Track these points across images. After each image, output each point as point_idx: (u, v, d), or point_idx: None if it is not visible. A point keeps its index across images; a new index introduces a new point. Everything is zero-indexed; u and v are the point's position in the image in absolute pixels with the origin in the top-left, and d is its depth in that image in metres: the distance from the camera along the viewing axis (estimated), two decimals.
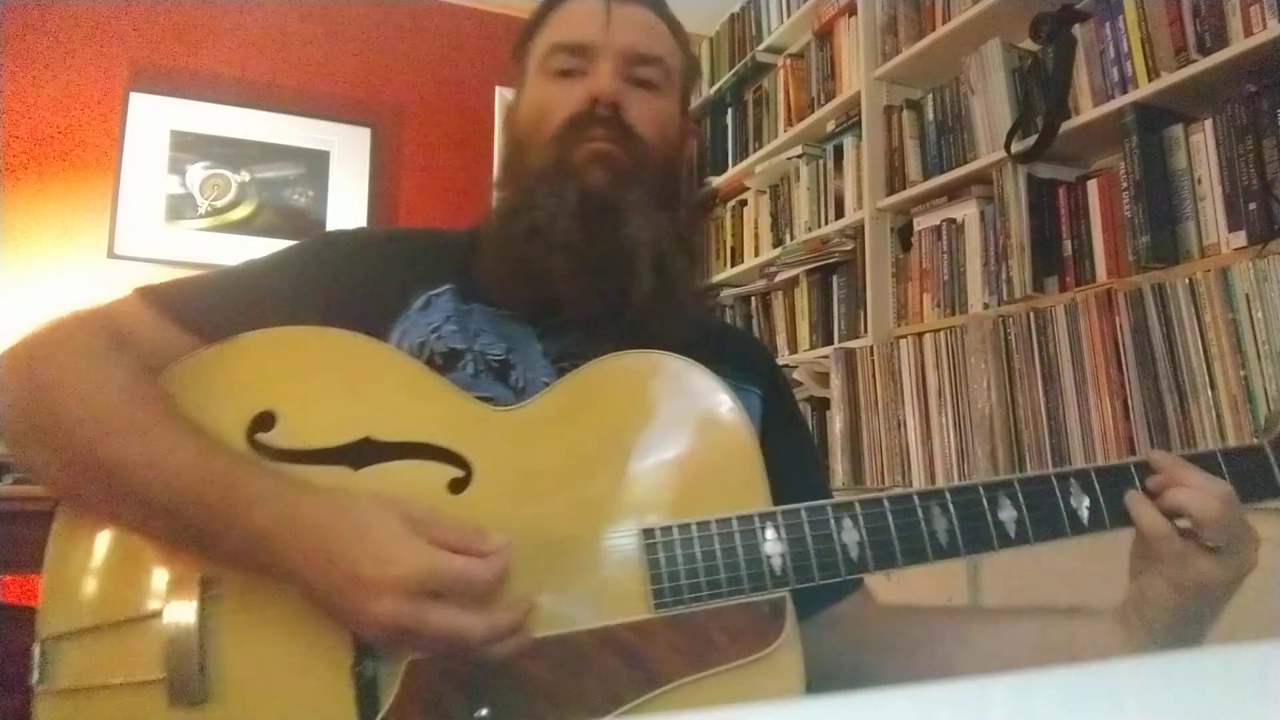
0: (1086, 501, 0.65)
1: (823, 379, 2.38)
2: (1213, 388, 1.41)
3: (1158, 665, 0.31)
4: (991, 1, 1.94)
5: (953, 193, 2.09)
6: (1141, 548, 0.66)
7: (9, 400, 0.65)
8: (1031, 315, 1.75)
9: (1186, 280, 1.47)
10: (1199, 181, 1.54)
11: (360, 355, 0.67)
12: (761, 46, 2.92)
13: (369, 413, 0.64)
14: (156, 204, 2.71)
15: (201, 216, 2.76)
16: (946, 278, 2.07)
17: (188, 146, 2.76)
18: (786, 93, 2.75)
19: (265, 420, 0.63)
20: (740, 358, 0.83)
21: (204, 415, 0.63)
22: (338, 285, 0.75)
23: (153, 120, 2.72)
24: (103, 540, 0.62)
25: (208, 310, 0.71)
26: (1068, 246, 1.79)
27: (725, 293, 3.02)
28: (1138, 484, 0.66)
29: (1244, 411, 1.37)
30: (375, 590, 0.54)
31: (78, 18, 2.69)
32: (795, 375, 2.45)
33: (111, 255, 2.61)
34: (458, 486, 0.63)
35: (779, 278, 2.66)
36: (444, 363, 0.73)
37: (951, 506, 0.64)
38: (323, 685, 0.58)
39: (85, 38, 2.70)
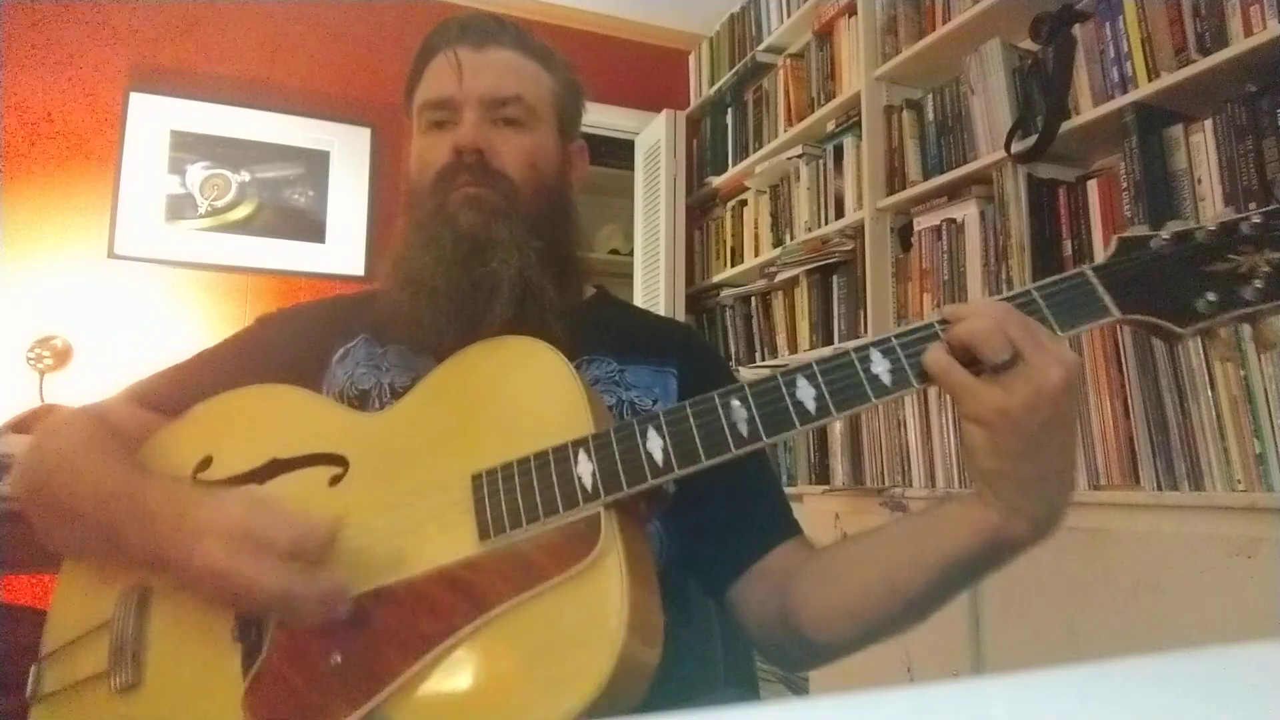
0: (888, 365, 0.65)
1: None
2: (1213, 388, 1.41)
3: (1158, 665, 0.31)
4: (991, 1, 1.94)
5: (953, 193, 2.09)
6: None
7: (22, 475, 0.83)
8: None
9: None
10: (1199, 181, 1.54)
11: (268, 399, 0.83)
12: (761, 46, 2.92)
13: (274, 440, 0.78)
14: (156, 204, 2.71)
15: (201, 216, 2.76)
16: (946, 278, 2.07)
17: (188, 146, 2.76)
18: (786, 93, 2.75)
19: (206, 462, 0.79)
20: (656, 345, 0.91)
21: (166, 466, 0.80)
22: (270, 356, 0.90)
23: (153, 120, 2.72)
24: (82, 578, 0.79)
25: (171, 394, 0.87)
26: (1068, 246, 1.79)
27: (725, 293, 3.02)
28: (940, 338, 0.64)
29: (1244, 411, 1.37)
30: (201, 533, 0.65)
31: (78, 18, 2.69)
32: None
33: (111, 255, 2.61)
34: (335, 480, 0.75)
35: (779, 278, 2.67)
36: (359, 402, 0.85)
37: (750, 398, 0.66)
38: (220, 654, 0.69)
39: (85, 38, 2.70)
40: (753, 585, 0.81)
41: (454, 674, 0.62)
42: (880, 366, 0.65)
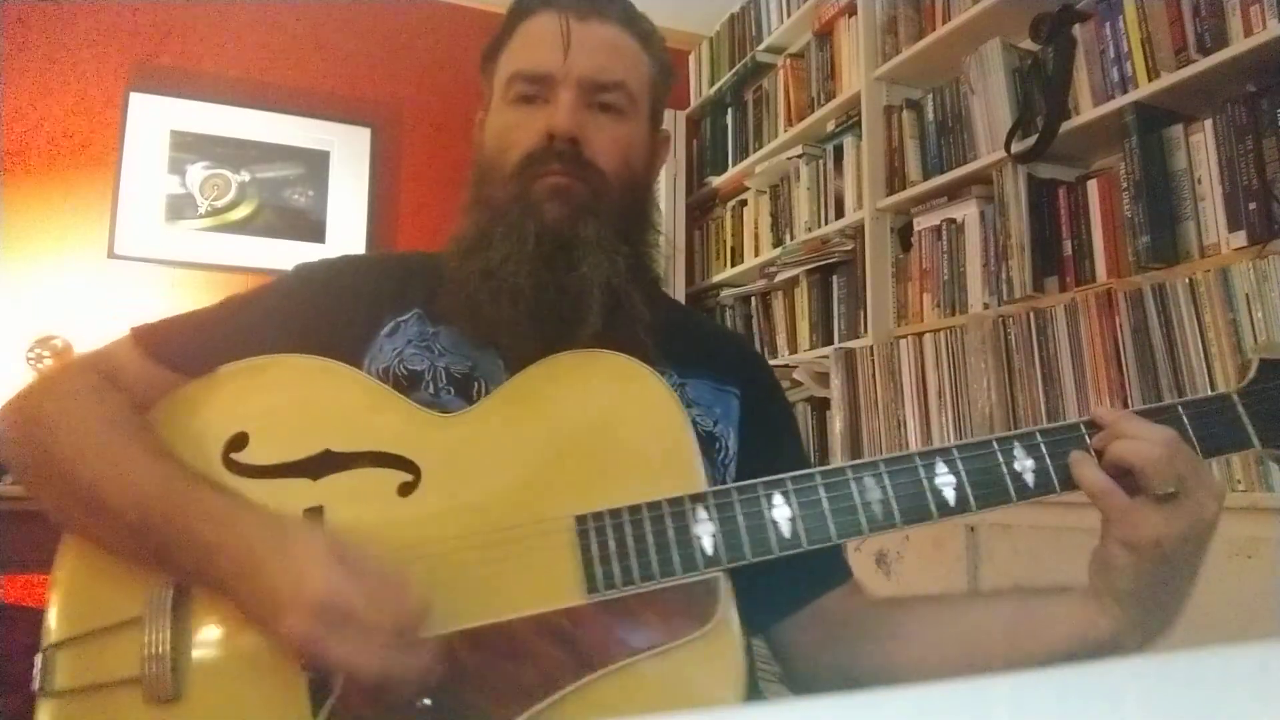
0: (1031, 464, 0.64)
1: (823, 379, 2.38)
2: (1213, 388, 1.41)
3: (1158, 665, 0.31)
4: (991, 1, 1.94)
5: (953, 193, 2.09)
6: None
7: (12, 438, 0.72)
8: (1031, 315, 1.75)
9: (1186, 280, 1.47)
10: (1199, 181, 1.54)
11: (321, 377, 0.73)
12: (761, 46, 2.92)
13: (328, 427, 0.69)
14: (156, 204, 2.70)
15: (201, 216, 2.76)
16: (946, 278, 2.07)
17: (188, 146, 2.76)
18: (786, 93, 2.75)
19: (239, 441, 0.69)
20: (721, 361, 0.85)
21: (187, 439, 0.69)
22: (310, 318, 0.79)
23: (153, 120, 2.72)
24: (98, 557, 0.68)
25: (190, 350, 0.76)
26: (1068, 246, 1.79)
27: (725, 293, 3.02)
28: (1087, 444, 0.65)
29: None
30: (285, 606, 0.57)
31: (78, 18, 2.69)
32: (795, 375, 2.45)
33: (111, 255, 2.61)
34: (406, 489, 0.67)
35: (779, 278, 2.66)
36: (407, 384, 0.76)
37: (886, 477, 0.64)
38: (281, 679, 0.61)
39: (85, 38, 2.70)
40: (805, 626, 0.78)
41: None
42: (1023, 464, 0.64)
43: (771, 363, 2.64)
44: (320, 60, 2.96)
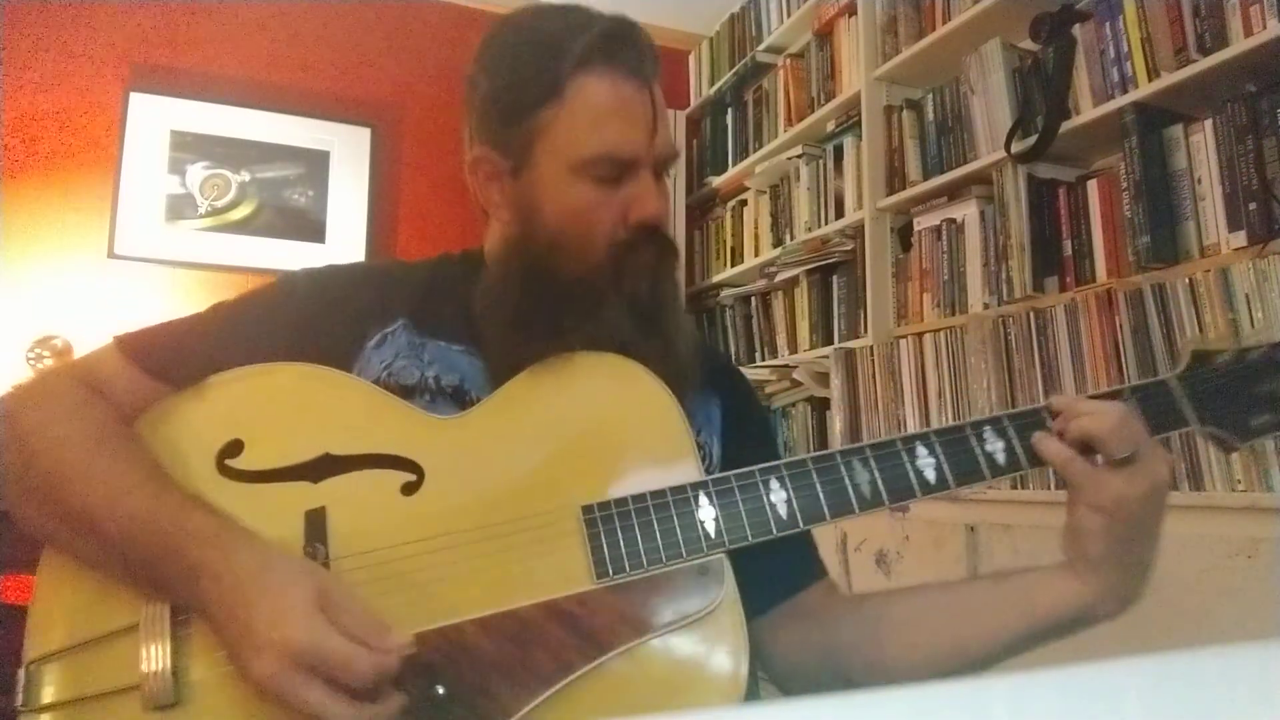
0: (1001, 445, 0.70)
1: (823, 379, 2.38)
2: None
3: (1158, 665, 0.31)
4: (991, 1, 1.94)
5: (953, 193, 2.09)
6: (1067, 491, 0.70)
7: None
8: (1031, 315, 1.75)
9: (1186, 280, 1.47)
10: (1199, 181, 1.54)
11: (315, 382, 0.73)
12: (761, 46, 2.92)
13: (327, 431, 0.70)
14: (156, 204, 2.70)
15: (201, 216, 2.75)
16: (946, 278, 2.07)
17: (188, 146, 2.76)
18: (786, 93, 2.75)
19: (234, 448, 0.69)
20: (705, 374, 0.87)
21: (177, 450, 0.69)
22: (296, 329, 0.79)
23: (153, 120, 2.72)
24: (83, 571, 0.67)
25: (178, 360, 0.75)
26: (1068, 246, 1.79)
27: (725, 293, 3.02)
28: (1048, 426, 0.70)
29: None
30: (258, 648, 0.56)
31: (78, 18, 2.69)
32: (795, 375, 2.45)
33: (111, 255, 2.61)
34: (410, 489, 0.68)
35: (779, 278, 2.66)
36: (401, 395, 0.76)
37: (872, 460, 0.69)
38: None
39: (85, 38, 2.70)
40: (785, 623, 0.80)
41: (568, 714, 0.61)
42: (994, 445, 0.70)
43: (772, 363, 2.64)
44: (320, 60, 2.96)
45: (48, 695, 0.64)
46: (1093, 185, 1.74)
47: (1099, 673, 0.29)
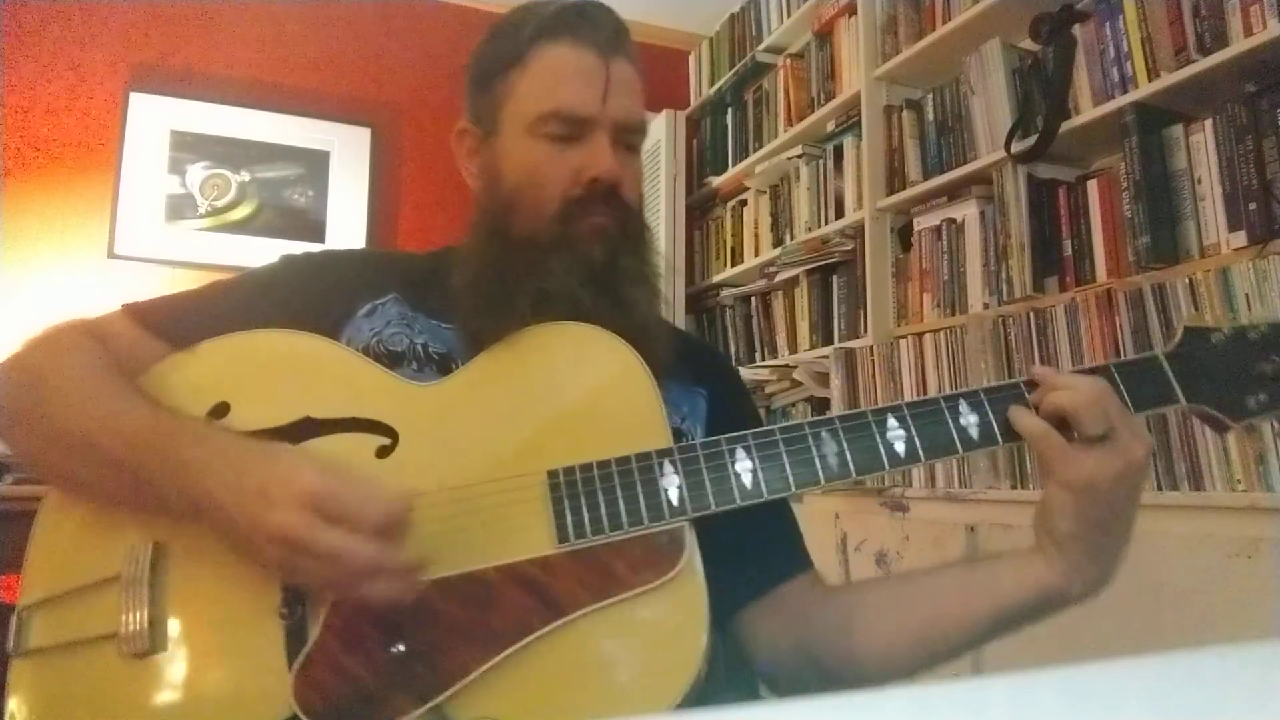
0: (975, 419, 0.68)
1: (823, 379, 2.38)
2: None
3: (1158, 665, 0.31)
4: (991, 1, 1.94)
5: (953, 193, 2.09)
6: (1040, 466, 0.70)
7: (3, 389, 0.74)
8: (1031, 315, 1.75)
9: (1186, 280, 1.47)
10: (1199, 181, 1.54)
11: (301, 349, 0.76)
12: (761, 46, 2.92)
13: (308, 396, 0.72)
14: (156, 204, 2.71)
15: (201, 216, 2.76)
16: (946, 278, 2.07)
17: (188, 146, 2.76)
18: (786, 93, 2.75)
19: (220, 410, 0.71)
20: (691, 365, 0.88)
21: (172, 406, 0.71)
22: (292, 299, 0.82)
23: (153, 120, 2.72)
24: (75, 519, 0.71)
25: (178, 322, 0.79)
26: (1068, 246, 1.79)
27: (725, 293, 3.02)
28: (1026, 399, 0.69)
29: None
30: (275, 501, 0.59)
31: (78, 18, 2.69)
32: (795, 375, 2.45)
33: (111, 255, 2.61)
34: (384, 452, 0.70)
35: (779, 278, 2.66)
36: (389, 362, 0.78)
37: (841, 432, 0.68)
38: (256, 630, 0.64)
39: (85, 38, 2.70)
40: (765, 615, 0.80)
41: (527, 674, 0.61)
42: (968, 419, 0.68)
43: (772, 363, 2.64)
44: (320, 60, 2.96)
45: (33, 640, 0.66)
46: (1093, 185, 1.74)
47: (1099, 673, 0.29)
